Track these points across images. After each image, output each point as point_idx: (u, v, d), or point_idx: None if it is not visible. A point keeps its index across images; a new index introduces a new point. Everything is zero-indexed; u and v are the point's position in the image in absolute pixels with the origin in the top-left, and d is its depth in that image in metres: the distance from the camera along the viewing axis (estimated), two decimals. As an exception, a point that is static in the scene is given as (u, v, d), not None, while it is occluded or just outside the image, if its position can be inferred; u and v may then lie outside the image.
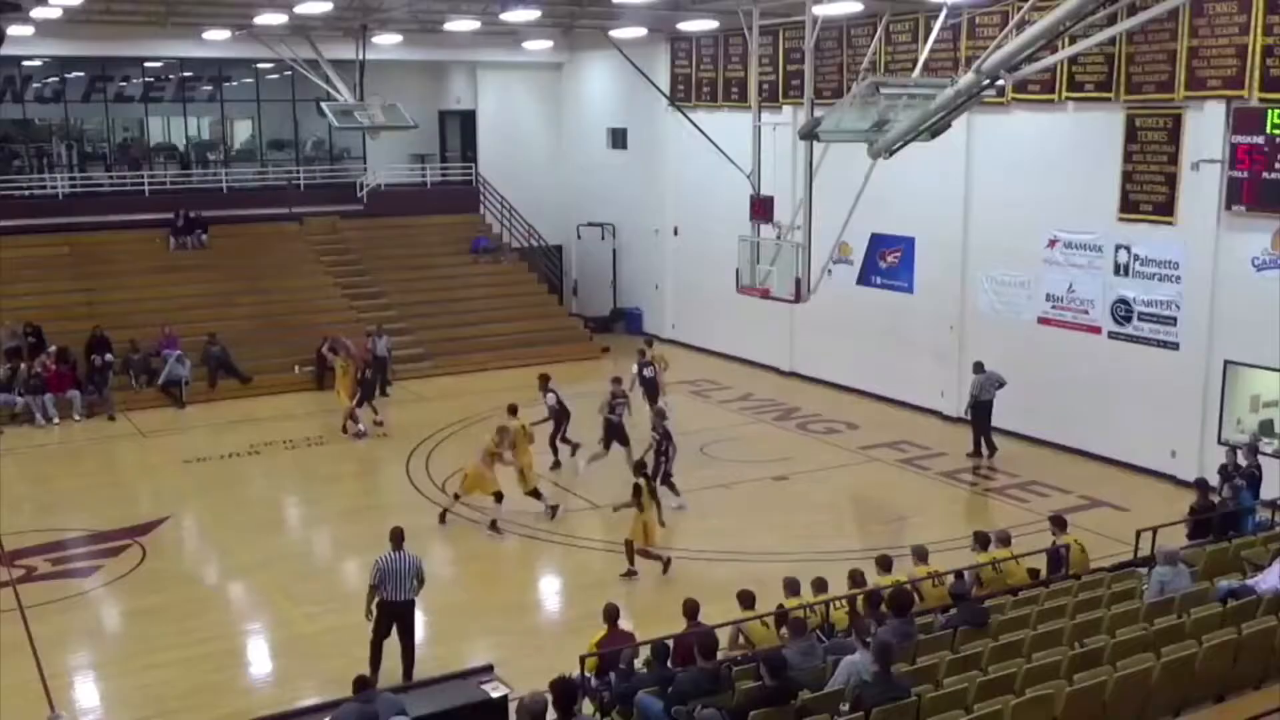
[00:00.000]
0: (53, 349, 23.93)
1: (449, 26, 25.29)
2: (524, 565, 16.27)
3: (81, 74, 30.32)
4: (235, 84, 32.10)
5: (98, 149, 31.77)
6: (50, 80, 30.21)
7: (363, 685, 9.59)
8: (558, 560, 16.12)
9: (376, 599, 12.13)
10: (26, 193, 29.03)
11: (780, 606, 11.55)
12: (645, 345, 23.30)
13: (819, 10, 18.24)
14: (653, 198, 30.06)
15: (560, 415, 19.59)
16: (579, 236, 32.73)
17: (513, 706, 9.51)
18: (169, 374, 24.46)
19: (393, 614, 12.13)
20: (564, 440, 19.78)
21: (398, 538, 12.36)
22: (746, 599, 11.63)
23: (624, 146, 31.40)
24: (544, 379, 19.44)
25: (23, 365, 23.52)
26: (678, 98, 27.67)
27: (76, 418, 23.28)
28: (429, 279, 29.89)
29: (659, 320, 30.83)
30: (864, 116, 16.03)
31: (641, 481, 15.04)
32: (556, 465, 19.50)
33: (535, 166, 33.07)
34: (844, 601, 11.74)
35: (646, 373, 21.75)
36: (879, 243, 23.70)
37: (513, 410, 17.66)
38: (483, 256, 31.31)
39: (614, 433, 19.03)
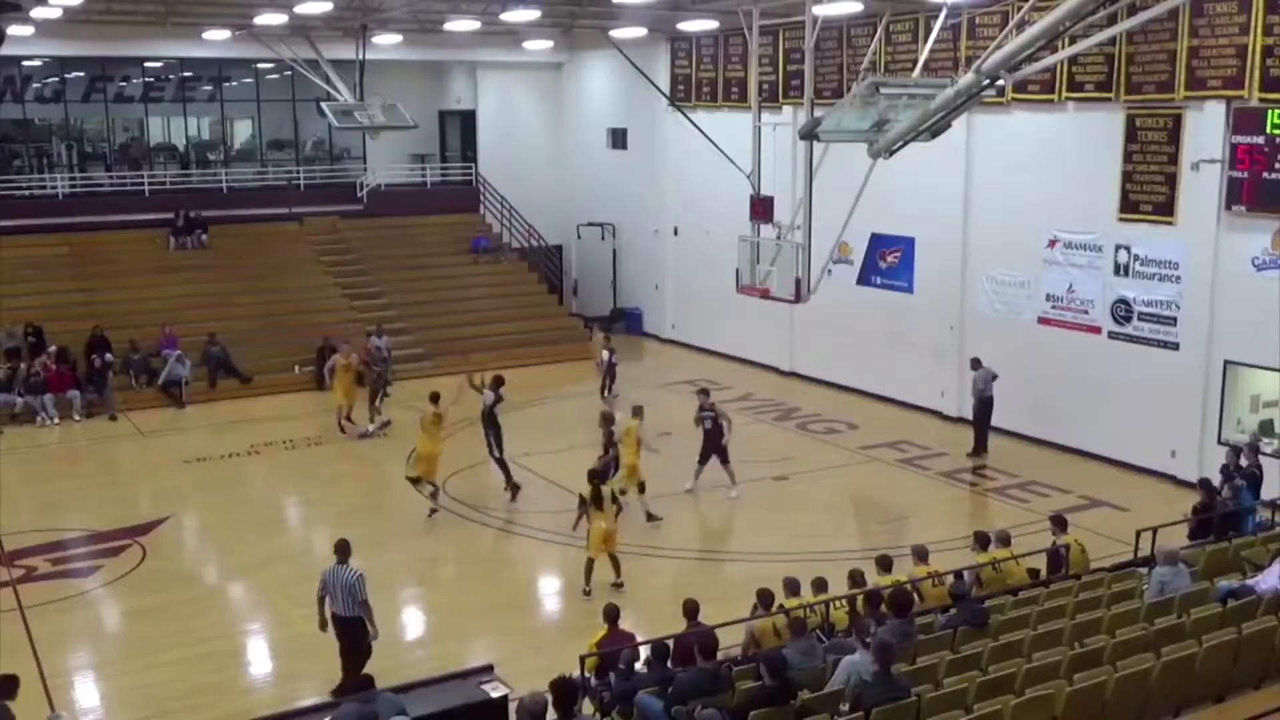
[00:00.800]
0: (53, 349, 23.94)
1: (449, 26, 25.29)
2: (524, 565, 16.27)
3: (81, 74, 30.32)
4: (235, 84, 32.10)
5: (98, 149, 31.77)
6: (50, 80, 30.21)
7: (363, 685, 9.60)
8: (558, 560, 16.10)
9: (329, 611, 11.90)
10: (26, 193, 29.03)
11: (780, 606, 11.53)
12: (605, 337, 24.28)
13: (819, 10, 18.23)
14: (653, 198, 30.07)
15: (488, 422, 18.32)
16: (579, 236, 32.75)
17: (513, 706, 9.51)
18: (169, 374, 24.47)
19: (337, 627, 11.88)
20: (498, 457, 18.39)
21: (341, 550, 12.02)
22: (766, 598, 11.57)
23: (624, 146, 31.40)
24: (497, 380, 18.46)
25: (23, 365, 23.53)
26: (678, 98, 27.67)
27: (76, 418, 23.29)
28: (429, 279, 29.89)
29: (659, 320, 30.85)
30: (864, 116, 16.01)
31: (589, 490, 14.76)
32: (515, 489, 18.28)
33: (535, 166, 33.09)
34: (844, 601, 11.73)
35: (614, 360, 22.63)
36: (879, 243, 23.71)
37: (433, 398, 18.02)
38: (483, 256, 31.32)
39: (712, 446, 18.34)
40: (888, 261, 23.70)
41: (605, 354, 23.10)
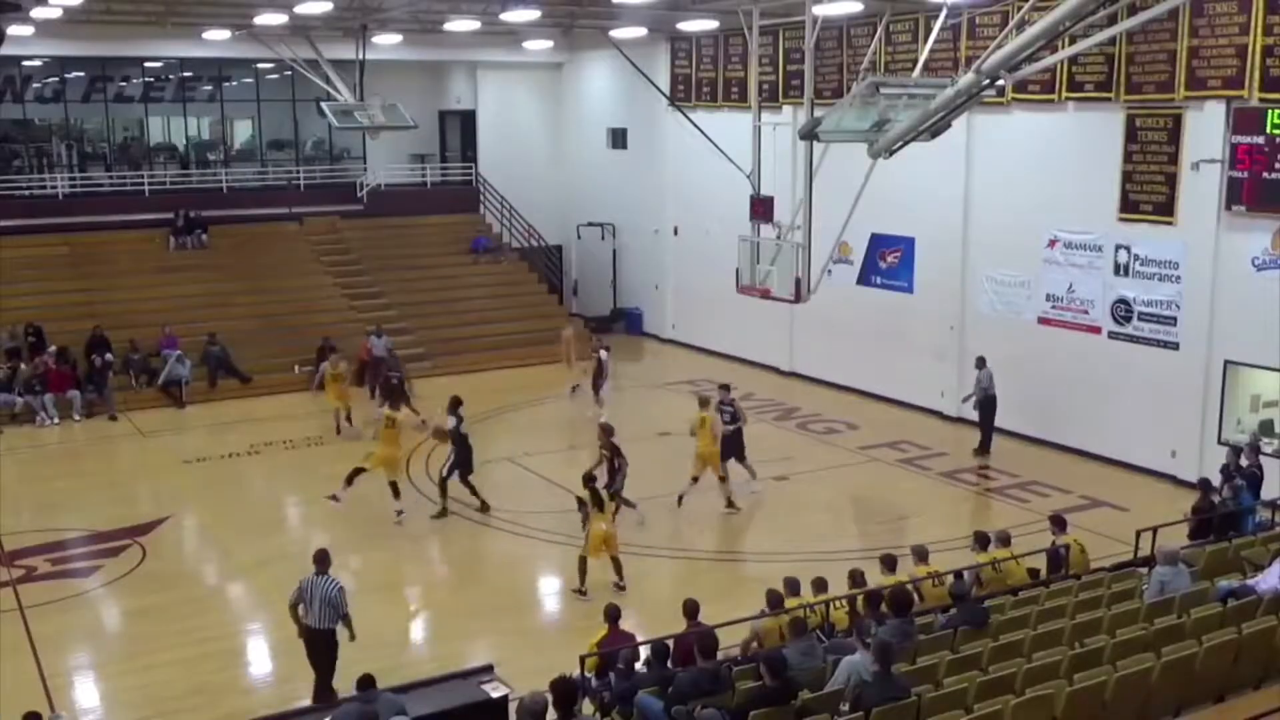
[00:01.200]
0: (53, 349, 23.94)
1: (449, 26, 25.28)
2: (524, 565, 16.26)
3: (81, 74, 30.32)
4: (235, 84, 32.11)
5: (98, 149, 31.78)
6: (50, 80, 30.23)
7: (364, 685, 9.60)
8: (558, 560, 16.10)
9: (304, 620, 11.52)
10: (26, 193, 29.03)
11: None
12: (598, 337, 24.61)
13: (819, 10, 18.23)
14: (653, 198, 30.06)
15: (459, 447, 17.31)
16: (579, 236, 32.74)
17: (513, 706, 9.52)
18: (169, 374, 24.48)
19: (309, 640, 11.57)
20: (463, 481, 17.35)
21: (321, 560, 11.58)
22: (775, 598, 11.53)
23: (624, 146, 31.40)
24: (454, 401, 17.64)
25: (23, 365, 23.53)
26: (678, 98, 27.67)
27: (76, 418, 23.29)
28: (429, 279, 29.90)
29: (659, 320, 30.85)
30: (864, 116, 16.01)
31: (587, 494, 14.65)
32: (442, 514, 17.36)
33: (535, 166, 33.09)
34: (844, 601, 11.73)
35: (603, 355, 22.84)
36: (879, 243, 23.70)
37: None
38: (483, 256, 31.33)
39: (730, 442, 18.10)
40: (888, 261, 23.70)
41: (603, 352, 23.01)
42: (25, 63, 28.96)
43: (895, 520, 17.55)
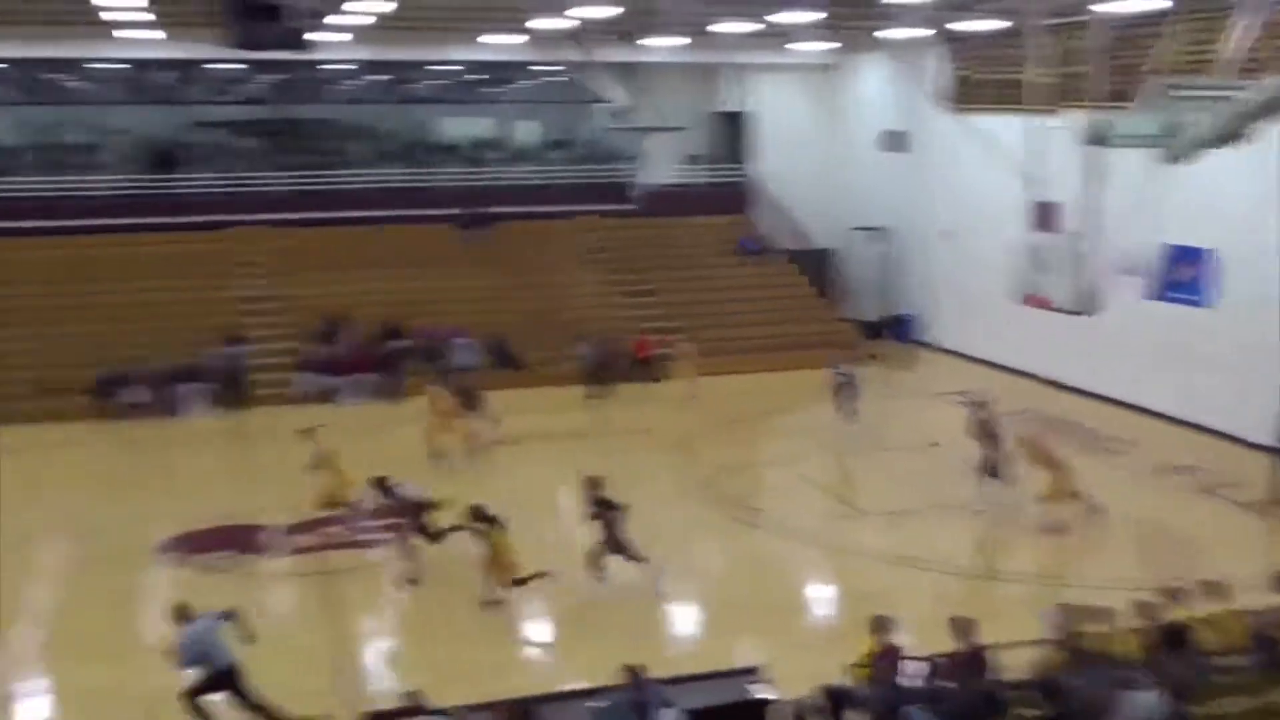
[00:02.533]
0: (353, 333, 25.85)
1: (718, 29, 25.24)
2: (800, 568, 16.21)
3: (384, 76, 32.63)
4: (517, 86, 33.78)
5: (398, 147, 34.00)
6: (353, 83, 32.74)
7: (633, 674, 9.84)
8: (818, 566, 16.05)
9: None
10: (333, 187, 31.17)
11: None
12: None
13: (1104, 9, 17.29)
14: (927, 201, 29.37)
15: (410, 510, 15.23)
16: (850, 240, 32.32)
17: (774, 710, 9.54)
18: (457, 362, 25.66)
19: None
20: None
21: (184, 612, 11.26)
22: (1059, 626, 11.07)
23: (898, 149, 30.71)
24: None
25: (326, 349, 25.67)
26: (955, 100, 26.88)
27: (371, 401, 24.87)
28: (698, 279, 30.16)
29: (932, 327, 30.04)
30: (1157, 121, 15.10)
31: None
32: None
33: (806, 168, 32.83)
34: (1131, 633, 11.10)
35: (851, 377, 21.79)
36: (1172, 254, 21.89)
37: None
38: (750, 258, 31.43)
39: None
40: (1183, 274, 21.93)
41: (845, 372, 21.79)
42: (327, 66, 31.14)
43: (1185, 551, 16.32)
